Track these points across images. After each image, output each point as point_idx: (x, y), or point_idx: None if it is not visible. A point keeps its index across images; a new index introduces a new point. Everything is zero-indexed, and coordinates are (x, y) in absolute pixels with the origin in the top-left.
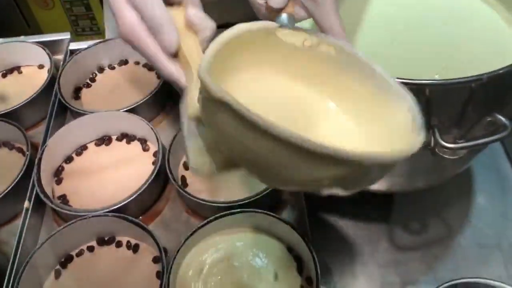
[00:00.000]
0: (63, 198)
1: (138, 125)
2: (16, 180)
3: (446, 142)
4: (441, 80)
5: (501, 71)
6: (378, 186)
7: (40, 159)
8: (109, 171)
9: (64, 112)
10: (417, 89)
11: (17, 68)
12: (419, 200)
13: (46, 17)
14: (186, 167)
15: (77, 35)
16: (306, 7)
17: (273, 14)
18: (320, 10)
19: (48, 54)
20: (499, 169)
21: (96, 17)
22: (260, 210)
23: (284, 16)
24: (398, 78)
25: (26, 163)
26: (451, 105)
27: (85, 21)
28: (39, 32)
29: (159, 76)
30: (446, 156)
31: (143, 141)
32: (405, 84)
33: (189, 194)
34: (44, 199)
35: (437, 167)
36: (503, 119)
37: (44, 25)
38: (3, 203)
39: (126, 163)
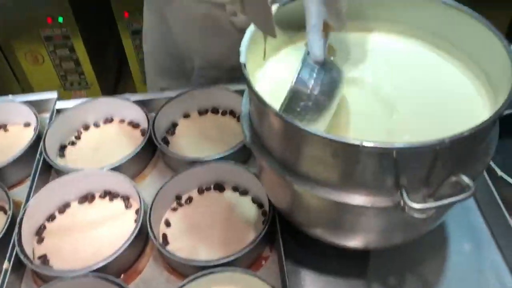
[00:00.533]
0: (44, 258)
1: (121, 183)
2: None
3: (415, 201)
4: (407, 144)
5: (463, 135)
6: (356, 243)
7: (21, 219)
8: (91, 229)
9: (48, 170)
10: (386, 152)
11: (3, 126)
12: (396, 256)
13: (36, 72)
14: (167, 224)
15: (65, 90)
16: None
17: None
18: None
19: (34, 113)
20: (473, 225)
21: (85, 72)
22: (239, 269)
23: None
24: (366, 141)
25: (8, 222)
26: (418, 166)
27: (74, 76)
28: (28, 86)
29: (143, 133)
30: (416, 215)
31: (126, 199)
32: (374, 148)
33: (169, 252)
34: (24, 260)
35: (411, 224)
36: (466, 179)
37: (34, 80)
38: None
39: (109, 221)
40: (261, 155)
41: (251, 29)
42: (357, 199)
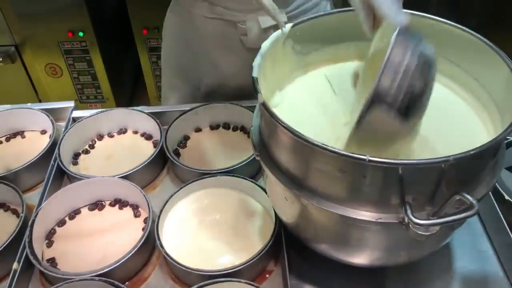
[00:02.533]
0: (52, 261)
1: (131, 192)
2: (8, 241)
3: (419, 218)
4: (413, 160)
5: (468, 154)
6: (360, 260)
7: (33, 221)
8: (100, 236)
9: (61, 177)
10: (392, 168)
11: (20, 133)
12: (402, 276)
13: (54, 84)
14: None
15: (81, 103)
16: None
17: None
18: None
19: (51, 121)
20: (479, 249)
21: (101, 86)
22: (244, 281)
23: None
24: (372, 156)
25: (20, 224)
26: (423, 183)
27: (90, 89)
28: (46, 98)
29: (155, 145)
30: (420, 232)
31: (135, 207)
32: (380, 163)
33: (175, 261)
34: (34, 261)
35: (415, 242)
36: (470, 198)
37: (51, 92)
38: None
39: (117, 229)
40: (270, 168)
41: (265, 45)
42: (363, 214)
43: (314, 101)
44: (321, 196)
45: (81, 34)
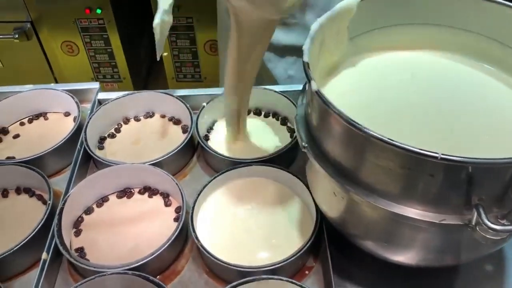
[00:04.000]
0: (81, 251)
1: (162, 180)
2: (36, 230)
3: (493, 223)
4: (486, 159)
5: None
6: (408, 259)
7: (61, 209)
8: (129, 225)
9: (87, 161)
10: (460, 166)
11: (43, 114)
12: (450, 277)
13: (70, 63)
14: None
15: (97, 81)
16: None
17: None
18: None
19: (76, 103)
20: None
21: (118, 66)
22: (285, 279)
23: None
24: (444, 154)
25: (47, 212)
26: (494, 184)
27: (107, 68)
28: (61, 76)
29: (184, 130)
30: (488, 236)
31: (166, 196)
32: (448, 160)
33: (212, 255)
34: (63, 252)
35: (473, 245)
36: None
37: (67, 70)
38: (19, 253)
39: (147, 218)
40: (319, 161)
41: (314, 27)
42: (424, 214)
43: (367, 90)
44: (376, 193)
45: (99, 11)
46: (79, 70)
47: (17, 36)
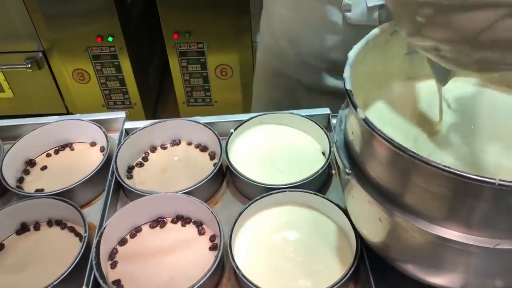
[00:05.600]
0: (118, 283)
1: (194, 208)
2: (74, 263)
3: None
4: None
5: None
6: (453, 284)
7: (99, 242)
8: (164, 255)
9: (117, 191)
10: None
11: (69, 145)
12: None
13: (81, 91)
14: None
15: (108, 108)
16: None
17: None
18: None
19: (104, 133)
20: None
21: (129, 92)
22: None
23: None
24: (501, 180)
25: (84, 245)
26: None
27: (118, 95)
28: (72, 104)
29: (212, 156)
30: None
31: (199, 224)
32: (506, 186)
33: (253, 284)
34: (103, 285)
35: None
36: None
37: (78, 98)
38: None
39: (181, 247)
40: (365, 188)
41: (352, 54)
42: (477, 240)
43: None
44: (425, 219)
45: (110, 39)
46: (90, 97)
47: (29, 65)
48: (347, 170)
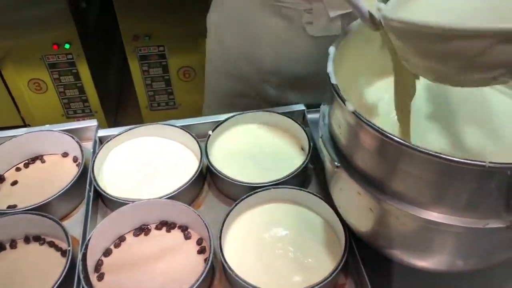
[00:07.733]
0: None
1: (179, 212)
2: (61, 278)
3: None
4: None
5: None
6: (442, 265)
7: (85, 255)
8: (151, 263)
9: (96, 200)
10: (500, 172)
11: (40, 157)
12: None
13: (38, 101)
14: None
15: (68, 118)
16: None
17: None
18: None
19: (77, 142)
20: None
21: (89, 100)
22: None
23: None
24: (491, 162)
25: (69, 260)
26: None
27: (77, 103)
28: (29, 115)
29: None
30: None
31: (184, 229)
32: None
33: (249, 284)
34: None
35: (503, 247)
36: None
37: (35, 108)
38: None
39: (169, 254)
40: (355, 179)
41: (332, 50)
42: (467, 221)
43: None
44: (417, 205)
45: (67, 46)
46: (48, 107)
47: None
48: (336, 163)
